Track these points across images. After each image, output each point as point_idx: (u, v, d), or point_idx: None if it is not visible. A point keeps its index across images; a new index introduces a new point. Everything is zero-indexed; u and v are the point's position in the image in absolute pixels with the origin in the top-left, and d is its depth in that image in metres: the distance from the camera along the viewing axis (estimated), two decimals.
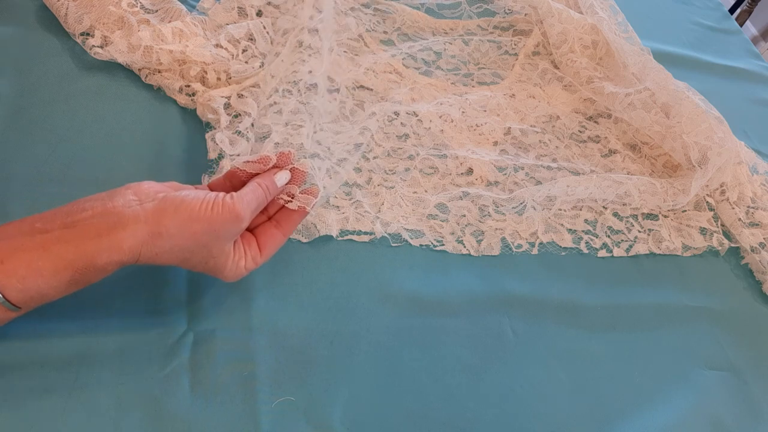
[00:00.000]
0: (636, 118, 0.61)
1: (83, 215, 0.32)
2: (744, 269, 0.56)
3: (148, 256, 0.33)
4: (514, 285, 0.48)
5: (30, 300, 0.32)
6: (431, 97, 0.60)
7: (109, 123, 0.49)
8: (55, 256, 0.31)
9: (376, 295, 0.45)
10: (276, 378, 0.39)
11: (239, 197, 0.35)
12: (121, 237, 0.32)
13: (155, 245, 0.33)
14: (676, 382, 0.46)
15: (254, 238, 0.39)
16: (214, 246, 0.35)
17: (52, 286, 0.31)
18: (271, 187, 0.38)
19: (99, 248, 0.31)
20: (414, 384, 0.41)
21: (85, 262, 0.31)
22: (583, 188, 0.53)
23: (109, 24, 0.53)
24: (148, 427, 0.35)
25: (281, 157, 0.40)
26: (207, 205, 0.34)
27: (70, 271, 0.31)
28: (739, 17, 1.73)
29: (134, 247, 0.32)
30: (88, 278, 0.32)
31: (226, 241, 0.35)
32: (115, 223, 0.32)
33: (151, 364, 0.38)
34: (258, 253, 0.39)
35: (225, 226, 0.34)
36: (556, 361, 0.45)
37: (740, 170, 0.60)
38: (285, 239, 0.40)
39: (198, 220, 0.33)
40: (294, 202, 0.40)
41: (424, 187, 0.52)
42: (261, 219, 0.40)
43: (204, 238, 0.34)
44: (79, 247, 0.31)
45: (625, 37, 0.67)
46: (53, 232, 0.31)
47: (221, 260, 0.36)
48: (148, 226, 0.32)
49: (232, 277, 0.38)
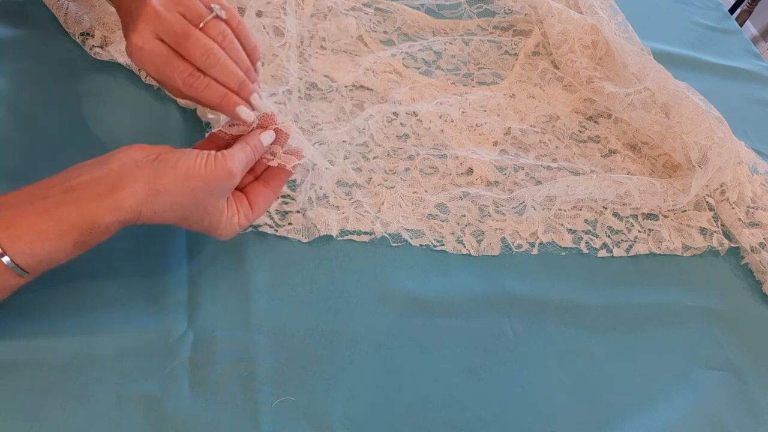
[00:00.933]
0: (636, 118, 0.61)
1: (81, 179, 0.33)
2: (744, 269, 0.56)
3: (148, 215, 0.34)
4: (514, 285, 0.48)
5: (38, 264, 0.32)
6: (431, 97, 0.60)
7: (109, 123, 0.49)
8: (58, 219, 0.32)
9: (376, 295, 0.45)
10: (276, 378, 0.39)
11: (230, 154, 0.37)
12: (122, 196, 0.33)
13: (154, 203, 0.34)
14: (676, 382, 0.46)
15: (245, 196, 0.41)
16: (209, 202, 0.36)
17: (58, 248, 0.32)
18: (258, 146, 0.40)
19: (101, 209, 0.32)
20: (414, 384, 0.41)
21: (88, 223, 0.32)
22: (583, 188, 0.53)
23: (109, 24, 0.53)
24: (148, 427, 0.35)
25: (264, 118, 0.41)
26: (201, 162, 0.35)
27: (74, 232, 0.32)
28: (739, 17, 1.73)
29: (135, 206, 0.33)
30: (92, 239, 0.33)
31: (219, 197, 0.37)
32: (114, 184, 0.33)
33: (151, 364, 0.38)
34: (249, 210, 0.40)
35: (219, 182, 0.36)
36: (556, 361, 0.45)
37: (740, 170, 0.60)
38: (274, 196, 0.42)
39: (194, 177, 0.35)
40: (275, 159, 0.42)
41: (424, 187, 0.52)
42: (249, 179, 0.42)
43: (200, 195, 0.35)
44: (81, 209, 0.32)
45: (625, 37, 0.67)
46: (54, 197, 0.32)
47: (216, 217, 0.37)
48: (146, 185, 0.33)
49: (227, 233, 0.39)
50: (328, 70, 0.59)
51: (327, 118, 0.55)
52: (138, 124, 0.50)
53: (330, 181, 0.49)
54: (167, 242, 0.43)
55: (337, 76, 0.58)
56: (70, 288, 0.39)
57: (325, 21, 0.63)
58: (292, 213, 0.47)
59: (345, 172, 0.51)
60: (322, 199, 0.48)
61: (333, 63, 0.60)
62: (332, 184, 0.49)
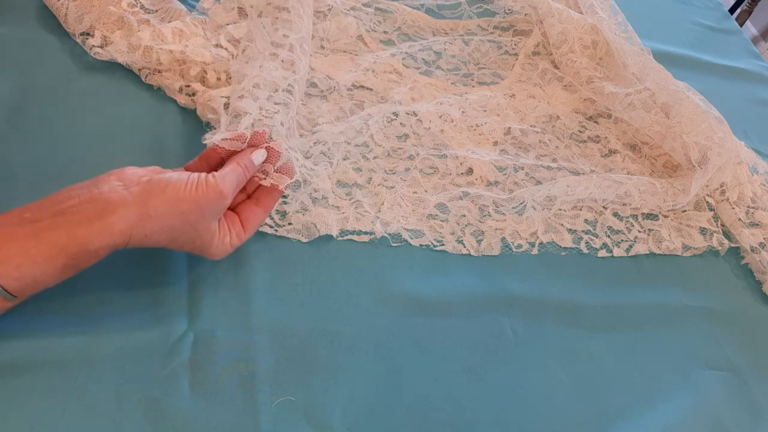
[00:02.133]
0: (636, 118, 0.61)
1: (71, 203, 0.33)
2: (744, 269, 0.56)
3: (139, 238, 0.34)
4: (514, 285, 0.48)
5: (26, 288, 0.32)
6: (431, 97, 0.60)
7: (109, 123, 0.49)
8: (47, 244, 0.32)
9: (376, 295, 0.45)
10: (276, 378, 0.39)
11: (221, 176, 0.37)
12: (112, 221, 0.33)
13: (145, 227, 0.34)
14: (676, 382, 0.46)
15: (236, 216, 0.41)
16: (200, 224, 0.36)
17: (46, 272, 0.32)
18: (249, 166, 0.40)
19: (90, 233, 0.32)
20: (414, 384, 0.41)
21: (78, 248, 0.32)
22: (583, 188, 0.53)
23: (109, 24, 0.53)
24: (148, 427, 0.35)
25: (256, 136, 0.41)
26: (192, 185, 0.36)
27: (63, 257, 0.32)
28: (739, 17, 1.73)
29: (125, 230, 0.33)
30: (81, 263, 0.33)
31: (211, 219, 0.37)
32: (103, 208, 0.33)
33: (151, 364, 0.38)
34: (241, 229, 0.40)
35: (210, 205, 0.36)
36: (556, 361, 0.45)
37: (740, 170, 0.60)
38: (266, 215, 0.42)
39: (184, 200, 0.35)
40: (267, 179, 0.42)
41: (424, 187, 0.52)
42: (241, 198, 0.42)
43: (191, 218, 0.35)
44: (70, 233, 0.32)
45: (625, 37, 0.67)
46: (43, 221, 0.32)
47: (207, 238, 0.37)
48: (137, 209, 0.33)
49: (219, 254, 0.39)
50: (328, 70, 0.59)
51: (327, 117, 0.55)
52: (138, 124, 0.50)
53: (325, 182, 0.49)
54: None
55: (337, 76, 0.58)
56: (70, 288, 0.39)
57: (325, 21, 0.63)
58: (292, 213, 0.47)
59: (345, 173, 0.51)
60: (322, 199, 0.48)
61: (333, 63, 0.60)
62: (331, 184, 0.49)
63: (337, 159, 0.51)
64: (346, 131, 0.53)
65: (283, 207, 0.47)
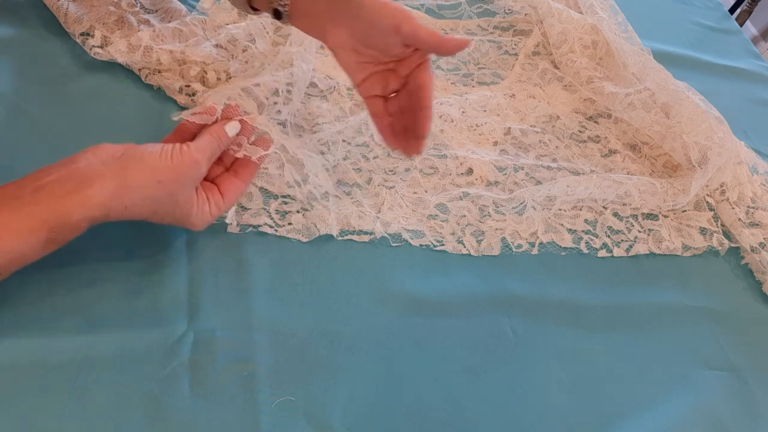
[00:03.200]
0: (636, 118, 0.61)
1: (50, 178, 0.34)
2: (744, 269, 0.56)
3: (118, 210, 0.35)
4: (514, 285, 0.48)
5: (10, 262, 0.33)
6: None
7: (109, 123, 0.49)
8: (28, 217, 0.33)
9: (376, 295, 0.45)
10: (276, 378, 0.39)
11: (194, 145, 0.39)
12: (90, 194, 0.34)
13: (124, 198, 0.35)
14: (676, 382, 0.46)
15: (215, 186, 0.42)
16: (179, 193, 0.37)
17: (29, 245, 0.33)
18: (222, 136, 0.41)
19: (70, 206, 0.33)
20: (414, 384, 0.41)
21: (58, 221, 0.33)
22: (583, 188, 0.53)
23: (109, 24, 0.53)
24: (148, 427, 0.35)
25: (228, 109, 0.43)
26: (167, 154, 0.37)
27: (44, 230, 0.33)
28: (739, 17, 1.73)
29: (103, 202, 0.34)
30: (63, 236, 0.34)
31: (188, 187, 0.38)
32: (80, 181, 0.34)
33: (151, 364, 0.38)
34: (221, 199, 0.41)
35: (186, 172, 0.38)
36: (556, 361, 0.45)
37: (740, 170, 0.60)
38: (245, 186, 0.43)
39: (161, 169, 0.36)
40: (241, 151, 0.43)
41: (424, 187, 0.52)
42: (220, 170, 0.43)
43: (169, 186, 0.37)
44: (50, 207, 0.33)
45: (625, 37, 0.67)
46: (24, 197, 0.33)
47: (186, 208, 0.39)
48: (114, 181, 0.35)
49: (200, 224, 0.40)
50: (328, 70, 0.59)
51: (327, 117, 0.55)
52: (138, 124, 0.50)
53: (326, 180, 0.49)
54: (167, 242, 0.43)
55: (337, 76, 0.58)
56: (70, 288, 0.39)
57: None
58: (292, 213, 0.47)
59: (345, 173, 0.51)
60: (322, 198, 0.48)
61: (333, 63, 0.60)
62: (331, 184, 0.49)
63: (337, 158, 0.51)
64: (345, 131, 0.53)
65: (283, 207, 0.47)
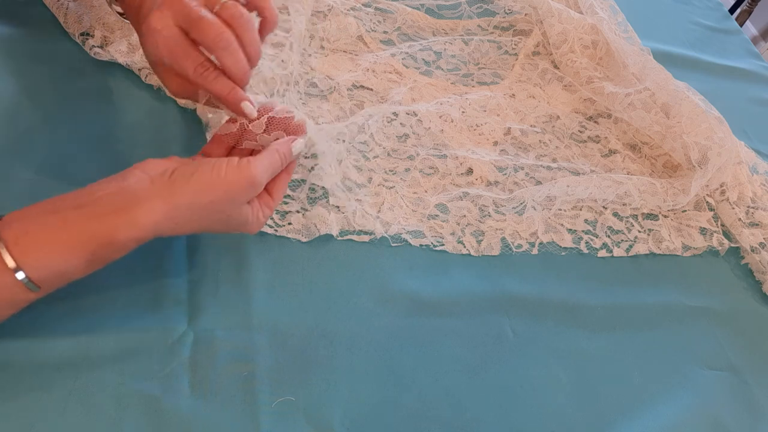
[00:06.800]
0: (636, 118, 0.61)
1: (97, 195, 0.33)
2: (744, 269, 0.56)
3: (168, 229, 0.34)
4: (514, 285, 0.48)
5: (50, 279, 0.32)
6: (431, 97, 0.60)
7: (109, 123, 0.49)
8: (70, 233, 0.31)
9: (376, 295, 0.45)
10: (276, 378, 0.39)
11: (255, 162, 0.36)
12: (138, 214, 0.32)
13: (172, 218, 0.33)
14: (676, 382, 0.46)
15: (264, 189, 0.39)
16: (231, 211, 0.36)
17: (71, 263, 0.32)
18: (287, 155, 0.39)
19: (117, 224, 0.32)
20: (414, 384, 0.41)
21: (104, 239, 0.32)
22: (583, 188, 0.53)
23: (109, 24, 0.53)
24: (148, 427, 0.35)
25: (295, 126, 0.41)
26: (218, 173, 0.34)
27: (90, 247, 0.32)
28: (739, 17, 1.73)
29: (150, 224, 0.33)
30: (107, 255, 0.33)
31: (242, 204, 0.36)
32: (130, 200, 0.32)
33: (151, 364, 0.38)
34: (270, 200, 0.39)
35: (241, 192, 0.35)
36: (556, 361, 0.45)
37: (740, 170, 0.60)
38: (290, 178, 0.41)
39: (211, 190, 0.34)
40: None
41: (424, 187, 0.52)
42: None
43: (220, 205, 0.35)
44: (97, 224, 0.32)
45: (625, 37, 0.67)
46: (67, 212, 0.32)
47: (241, 219, 0.37)
48: (162, 202, 0.33)
49: (255, 229, 0.39)
50: (328, 70, 0.59)
51: (327, 117, 0.55)
52: (138, 124, 0.50)
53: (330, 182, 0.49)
54: (167, 242, 0.43)
55: (337, 76, 0.58)
56: (70, 288, 0.39)
57: (325, 21, 0.63)
58: (292, 213, 0.47)
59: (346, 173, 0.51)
60: (322, 198, 0.48)
61: (333, 63, 0.60)
62: (332, 184, 0.49)
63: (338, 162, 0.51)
64: (344, 132, 0.53)
65: (283, 207, 0.47)
